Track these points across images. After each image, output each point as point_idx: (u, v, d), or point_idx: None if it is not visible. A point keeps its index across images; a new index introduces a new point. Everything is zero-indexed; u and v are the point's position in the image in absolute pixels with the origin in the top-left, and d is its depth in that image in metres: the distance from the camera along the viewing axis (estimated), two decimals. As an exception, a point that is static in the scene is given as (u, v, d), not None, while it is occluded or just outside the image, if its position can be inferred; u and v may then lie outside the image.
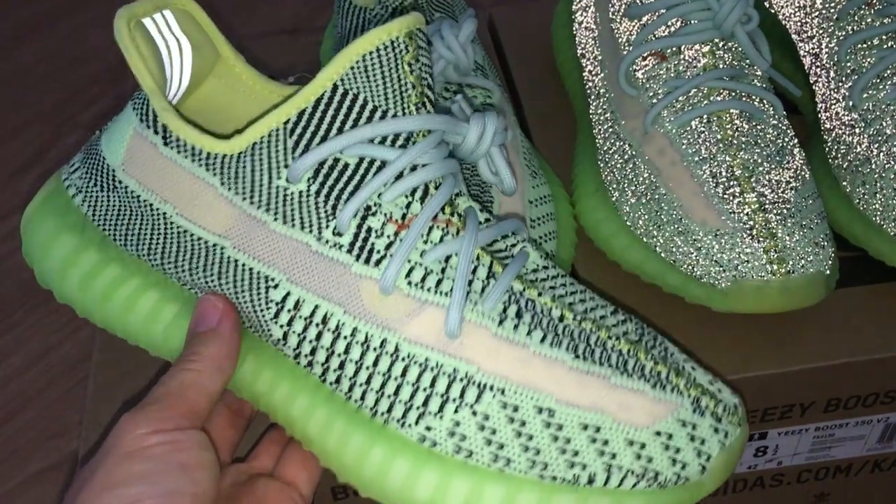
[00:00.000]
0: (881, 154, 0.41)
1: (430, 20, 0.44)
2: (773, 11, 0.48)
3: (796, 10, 0.46)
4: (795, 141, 0.42)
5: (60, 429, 0.59)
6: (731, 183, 0.39)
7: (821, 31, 0.45)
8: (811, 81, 0.46)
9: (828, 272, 0.39)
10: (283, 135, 0.30)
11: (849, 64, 0.43)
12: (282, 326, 0.32)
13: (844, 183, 0.43)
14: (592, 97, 0.46)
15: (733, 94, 0.41)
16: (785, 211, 0.39)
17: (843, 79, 0.43)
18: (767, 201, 0.39)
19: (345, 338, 0.31)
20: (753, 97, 0.41)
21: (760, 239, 0.38)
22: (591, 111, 0.46)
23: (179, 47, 0.35)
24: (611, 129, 0.44)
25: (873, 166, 0.41)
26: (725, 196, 0.39)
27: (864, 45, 0.43)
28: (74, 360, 0.63)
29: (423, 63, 0.31)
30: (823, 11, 0.45)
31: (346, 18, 0.47)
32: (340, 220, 0.30)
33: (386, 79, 0.30)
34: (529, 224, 0.40)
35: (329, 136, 0.30)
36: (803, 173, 0.41)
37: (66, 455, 0.58)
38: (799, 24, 0.46)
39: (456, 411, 0.30)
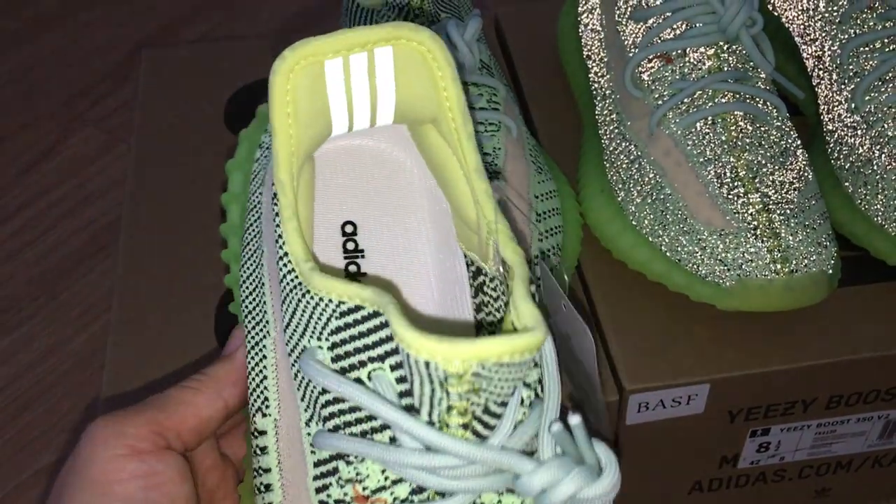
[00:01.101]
0: (883, 155, 0.42)
1: (437, 20, 0.44)
2: (776, 15, 0.49)
3: (799, 13, 0.47)
4: (798, 142, 0.42)
5: (71, 423, 0.60)
6: (736, 183, 0.40)
7: (823, 35, 0.45)
8: (814, 84, 0.47)
9: (830, 271, 0.40)
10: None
11: (851, 67, 0.44)
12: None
13: (846, 184, 0.44)
14: (598, 98, 0.47)
15: (738, 96, 0.41)
16: (788, 211, 0.40)
17: (846, 81, 0.44)
18: (771, 202, 0.40)
19: None
20: (757, 99, 0.42)
21: (764, 239, 0.39)
22: (596, 112, 0.47)
23: (373, 88, 0.28)
24: (616, 130, 0.44)
25: (875, 167, 0.42)
26: (730, 196, 0.40)
27: (867, 48, 0.43)
28: (85, 354, 0.63)
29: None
30: (826, 15, 0.45)
31: (352, 19, 0.47)
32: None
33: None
34: (535, 218, 0.41)
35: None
36: (806, 174, 0.41)
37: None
38: (802, 27, 0.47)
39: None
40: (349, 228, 0.32)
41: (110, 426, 0.27)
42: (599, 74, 0.47)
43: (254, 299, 0.31)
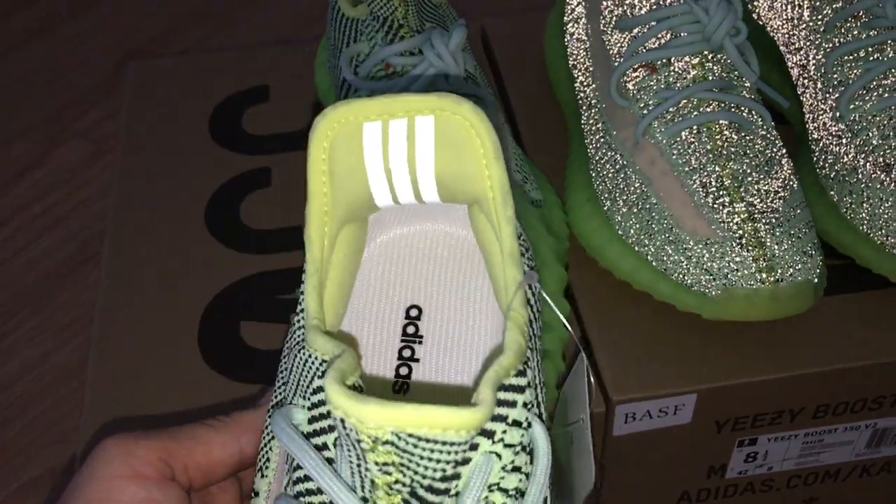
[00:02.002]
0: (867, 164, 0.42)
1: (421, 31, 0.44)
2: (761, 24, 0.49)
3: (784, 22, 0.47)
4: (784, 151, 0.42)
5: (56, 435, 0.60)
6: (721, 193, 0.40)
7: (808, 43, 0.46)
8: (799, 92, 0.47)
9: (816, 280, 0.40)
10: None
11: (836, 75, 0.44)
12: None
13: (832, 192, 0.44)
14: (584, 107, 0.47)
15: (722, 105, 0.41)
16: (773, 220, 0.40)
17: (831, 90, 0.44)
18: (756, 211, 0.40)
19: None
20: (742, 108, 0.42)
21: (749, 248, 0.39)
22: (582, 121, 0.47)
23: (411, 157, 0.27)
24: (602, 140, 0.44)
25: (860, 176, 0.42)
26: (715, 206, 0.40)
27: (851, 57, 0.43)
28: (71, 366, 0.63)
29: None
30: (811, 24, 0.45)
31: (337, 30, 0.47)
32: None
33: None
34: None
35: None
36: (791, 183, 0.41)
37: (62, 461, 0.58)
38: (787, 36, 0.47)
39: None
40: (414, 312, 0.31)
41: (121, 445, 0.27)
42: (585, 84, 0.47)
43: (286, 355, 0.31)
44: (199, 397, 0.40)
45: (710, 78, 0.42)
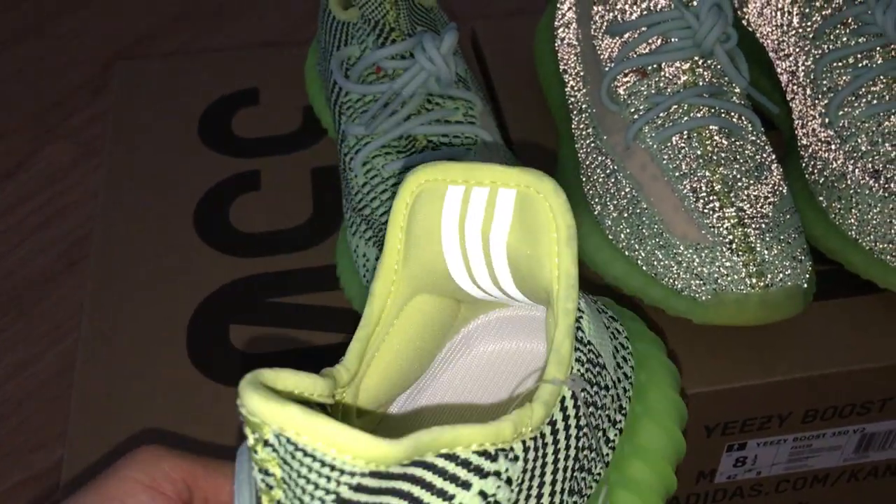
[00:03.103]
0: (856, 170, 0.42)
1: (412, 34, 0.44)
2: (750, 30, 0.49)
3: (774, 28, 0.47)
4: (773, 157, 0.42)
5: (40, 441, 0.59)
6: (711, 198, 0.40)
7: (797, 50, 0.46)
8: (788, 99, 0.47)
9: (805, 285, 0.40)
10: None
11: (825, 82, 0.44)
12: None
13: (821, 198, 0.44)
14: (574, 112, 0.47)
15: (713, 110, 0.42)
16: (763, 225, 0.40)
17: (820, 96, 0.44)
18: (746, 216, 0.40)
19: None
20: (732, 114, 0.42)
21: (740, 253, 0.39)
22: (573, 126, 0.47)
23: (486, 228, 0.27)
24: (593, 144, 0.44)
25: (849, 182, 0.42)
26: (705, 211, 0.40)
27: (840, 64, 0.44)
28: (55, 371, 0.62)
29: None
30: (800, 30, 0.46)
31: (328, 33, 0.47)
32: None
33: None
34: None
35: None
36: (781, 188, 0.42)
37: (45, 467, 0.58)
38: (776, 42, 0.47)
39: None
40: None
41: (152, 454, 0.27)
42: (575, 88, 0.47)
43: None
44: (187, 401, 0.40)
45: (701, 83, 0.42)
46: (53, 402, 0.61)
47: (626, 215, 0.42)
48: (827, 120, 0.44)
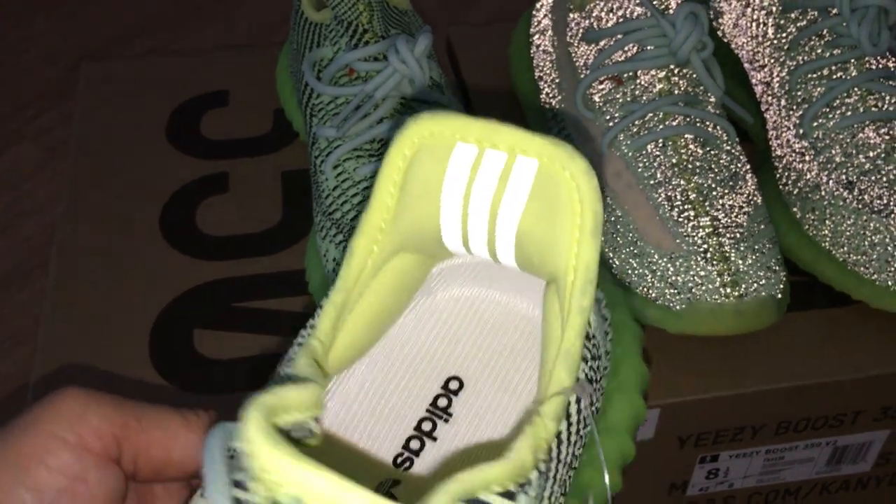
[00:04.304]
0: (830, 181, 0.42)
1: (387, 36, 0.44)
2: (725, 41, 0.49)
3: (749, 39, 0.47)
4: (748, 167, 0.42)
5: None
6: (686, 207, 0.40)
7: (772, 61, 0.46)
8: (762, 109, 0.47)
9: (779, 296, 0.39)
10: None
11: (799, 93, 0.44)
12: None
13: (794, 209, 0.44)
14: (549, 119, 0.46)
15: (688, 119, 0.41)
16: (738, 235, 0.39)
17: (794, 107, 0.44)
18: (721, 225, 0.39)
19: None
20: (707, 123, 0.42)
21: (714, 262, 0.38)
22: (548, 133, 0.46)
23: (497, 200, 0.23)
24: (567, 152, 0.44)
25: (823, 193, 0.42)
26: (680, 220, 0.39)
27: (815, 75, 0.44)
28: (13, 377, 0.61)
29: None
30: (775, 41, 0.46)
31: (300, 34, 0.46)
32: None
33: None
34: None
35: None
36: (755, 199, 0.41)
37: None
38: (751, 53, 0.47)
39: None
40: (453, 385, 0.27)
41: (78, 402, 0.24)
42: (551, 95, 0.46)
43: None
44: (148, 408, 0.39)
45: (676, 92, 0.42)
46: (10, 413, 0.59)
47: (600, 223, 0.41)
48: (801, 131, 0.44)
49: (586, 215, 0.22)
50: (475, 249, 0.24)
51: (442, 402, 0.27)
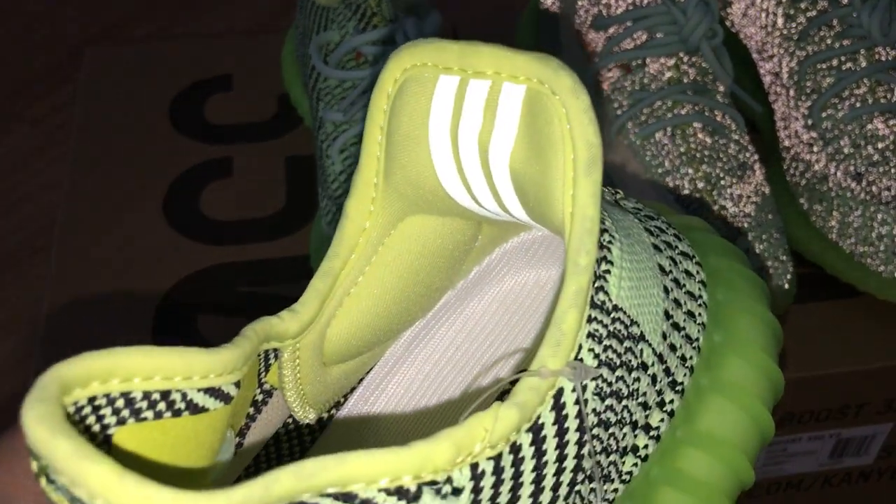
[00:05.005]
0: (838, 172, 0.42)
1: (395, 20, 0.43)
2: (734, 31, 0.49)
3: (758, 29, 0.47)
4: (756, 157, 0.42)
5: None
6: (694, 195, 0.39)
7: (781, 51, 0.46)
8: (771, 100, 0.47)
9: (787, 286, 0.39)
10: None
11: (808, 83, 0.44)
12: None
13: (802, 200, 0.44)
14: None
15: (697, 108, 0.41)
16: (745, 224, 0.39)
17: (803, 98, 0.44)
18: (729, 214, 0.39)
19: None
20: (716, 112, 0.41)
21: (722, 252, 0.38)
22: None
23: (484, 140, 0.19)
24: (574, 140, 0.44)
25: (830, 184, 0.42)
26: (688, 208, 0.39)
27: (824, 66, 0.43)
28: (14, 363, 0.60)
29: None
30: (784, 31, 0.45)
31: (308, 17, 0.46)
32: None
33: None
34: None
35: None
36: (763, 188, 0.41)
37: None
38: (760, 43, 0.47)
39: None
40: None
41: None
42: (558, 83, 0.46)
43: None
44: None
45: (685, 81, 0.41)
46: (11, 395, 0.59)
47: (607, 211, 0.41)
48: (810, 122, 0.43)
49: (579, 147, 0.18)
50: (483, 202, 0.20)
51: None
